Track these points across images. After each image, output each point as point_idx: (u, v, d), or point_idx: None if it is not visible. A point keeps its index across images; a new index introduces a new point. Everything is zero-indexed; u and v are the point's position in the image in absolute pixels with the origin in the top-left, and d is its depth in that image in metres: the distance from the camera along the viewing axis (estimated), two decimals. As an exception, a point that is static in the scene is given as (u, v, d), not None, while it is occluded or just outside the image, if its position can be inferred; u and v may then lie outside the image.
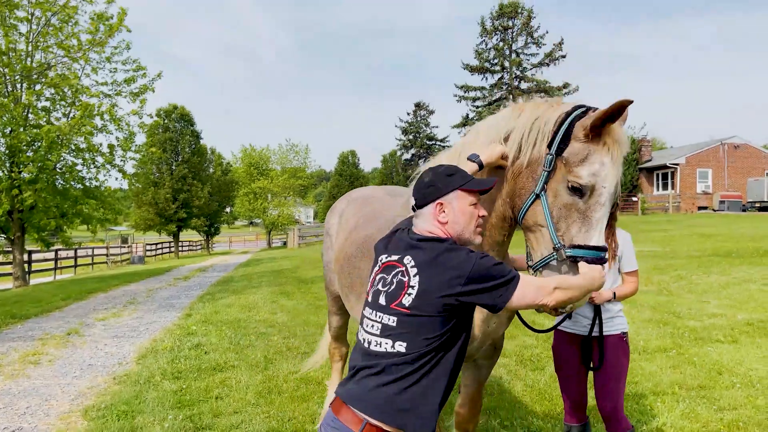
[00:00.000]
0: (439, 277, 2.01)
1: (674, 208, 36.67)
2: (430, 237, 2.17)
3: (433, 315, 2.01)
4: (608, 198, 2.36)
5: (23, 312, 11.52)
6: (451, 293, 1.98)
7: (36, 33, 18.64)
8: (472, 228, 2.23)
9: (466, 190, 2.20)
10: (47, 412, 5.56)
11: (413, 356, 2.01)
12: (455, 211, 2.19)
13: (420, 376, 2.01)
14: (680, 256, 15.01)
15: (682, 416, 4.76)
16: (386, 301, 2.11)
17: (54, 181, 19.47)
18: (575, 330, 3.58)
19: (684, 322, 8.05)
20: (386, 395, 2.00)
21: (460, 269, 1.99)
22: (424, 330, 2.01)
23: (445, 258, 2.04)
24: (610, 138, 2.36)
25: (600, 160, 2.35)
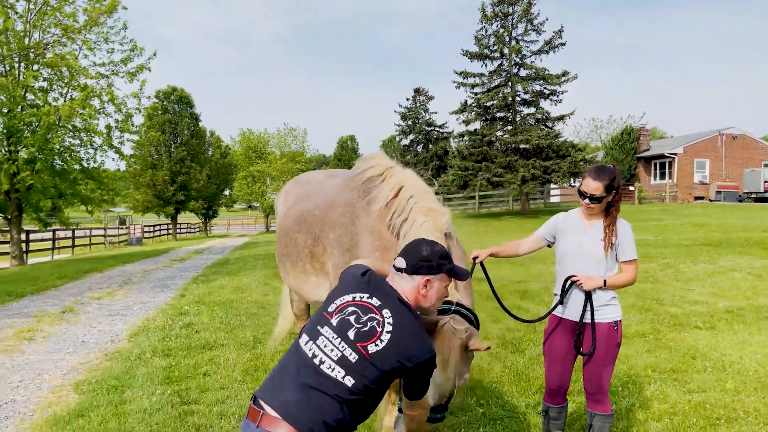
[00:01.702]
0: (402, 351, 2.28)
1: (671, 198, 36.78)
2: (407, 303, 2.43)
3: (384, 370, 2.27)
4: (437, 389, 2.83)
5: (19, 290, 11.68)
6: (401, 366, 2.29)
7: (34, 13, 18.64)
8: (439, 305, 2.61)
9: (450, 275, 2.54)
10: (39, 385, 5.73)
11: (353, 391, 2.24)
12: (435, 290, 2.51)
13: (353, 407, 2.26)
14: (671, 245, 15.18)
15: (651, 397, 4.93)
16: (355, 337, 2.30)
17: (52, 162, 19.58)
18: (567, 315, 3.66)
19: (665, 309, 8.22)
20: (320, 414, 2.19)
21: (419, 355, 2.30)
22: (371, 376, 2.25)
23: (414, 339, 2.33)
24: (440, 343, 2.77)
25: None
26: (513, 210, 36.11)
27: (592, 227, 3.61)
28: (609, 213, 3.57)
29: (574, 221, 3.71)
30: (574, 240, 3.64)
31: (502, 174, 30.49)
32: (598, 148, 54.71)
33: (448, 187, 33.44)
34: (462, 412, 4.71)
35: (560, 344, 3.70)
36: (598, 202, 3.51)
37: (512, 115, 32.48)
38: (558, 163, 29.83)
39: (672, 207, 31.37)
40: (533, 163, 30.03)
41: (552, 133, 31.07)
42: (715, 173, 39.33)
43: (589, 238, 3.58)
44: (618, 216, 3.61)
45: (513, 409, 4.74)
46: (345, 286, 2.53)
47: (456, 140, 37.06)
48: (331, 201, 4.00)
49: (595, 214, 3.60)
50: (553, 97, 32.29)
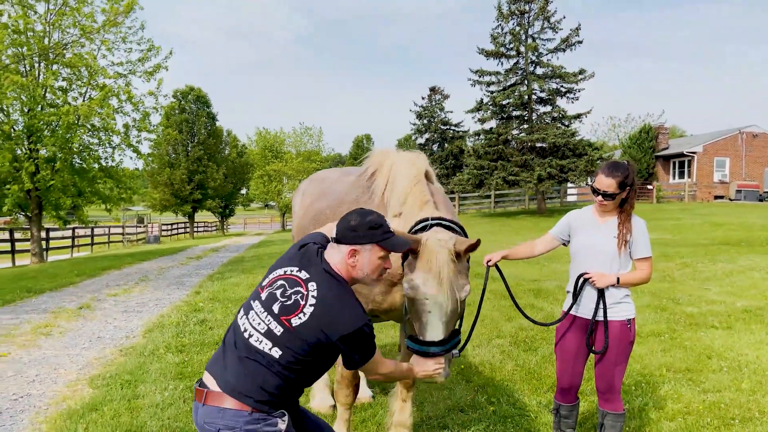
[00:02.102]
0: (325, 323, 2.30)
1: (690, 197, 36.30)
2: (336, 274, 2.44)
3: (309, 342, 2.31)
4: (435, 306, 2.73)
5: (38, 287, 11.85)
6: (326, 339, 2.31)
7: (53, 13, 18.89)
8: (375, 276, 2.52)
9: (382, 246, 2.47)
10: (55, 380, 5.81)
11: (283, 363, 2.31)
12: (364, 261, 2.46)
13: (284, 377, 2.32)
14: (688, 244, 14.99)
15: (665, 397, 4.87)
16: (279, 311, 2.36)
17: (71, 161, 19.83)
18: (579, 313, 3.63)
19: (682, 308, 8.12)
20: (258, 383, 2.30)
21: (343, 327, 2.30)
22: (297, 348, 2.31)
23: (338, 312, 2.32)
24: (425, 257, 2.77)
25: (421, 276, 2.75)
26: (529, 209, 35.91)
27: (605, 224, 3.57)
28: (623, 210, 3.53)
29: (588, 218, 3.68)
30: (587, 237, 3.61)
31: (518, 173, 30.33)
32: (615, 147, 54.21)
33: (463, 186, 33.35)
34: (473, 409, 4.69)
35: (572, 342, 3.67)
36: (611, 198, 3.47)
37: (528, 114, 32.30)
38: (575, 161, 29.61)
39: (691, 206, 30.99)
40: (549, 161, 29.83)
41: (568, 132, 30.84)
42: (736, 172, 38.77)
43: (602, 235, 3.55)
44: (633, 213, 3.56)
45: (524, 408, 4.71)
46: (281, 260, 2.60)
47: (471, 139, 36.88)
48: (340, 200, 4.03)
49: (608, 211, 3.56)
50: (569, 95, 32.07)
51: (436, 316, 2.74)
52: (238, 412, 2.27)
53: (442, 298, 2.73)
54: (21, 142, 18.92)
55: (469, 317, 3.70)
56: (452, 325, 2.84)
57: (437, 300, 2.73)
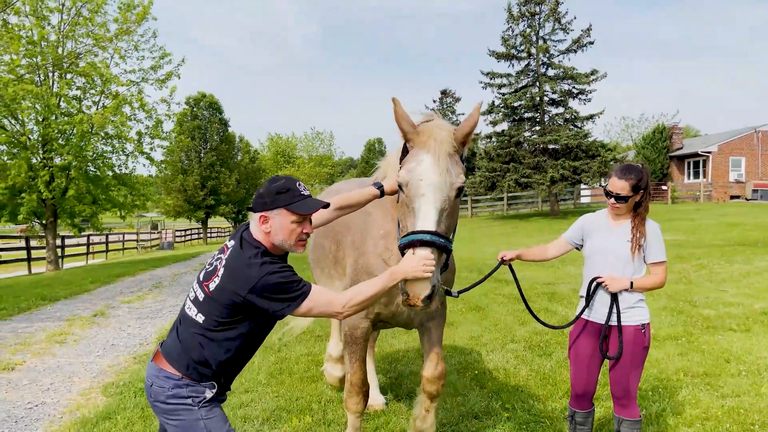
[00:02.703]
0: (232, 282, 2.40)
1: (705, 197, 35.90)
2: (251, 239, 2.51)
3: (224, 305, 2.41)
4: (428, 188, 2.60)
5: (53, 294, 11.95)
6: (237, 298, 2.38)
7: (67, 23, 19.11)
8: (293, 241, 2.51)
9: (290, 210, 2.46)
10: (69, 388, 5.83)
11: (206, 327, 2.45)
12: (276, 226, 2.48)
13: (208, 344, 2.45)
14: (704, 245, 14.81)
15: (683, 402, 4.79)
16: (203, 278, 2.54)
17: (86, 169, 20.03)
18: (593, 318, 3.58)
19: (699, 311, 8.00)
20: (183, 349, 2.48)
21: (246, 282, 2.36)
22: (216, 312, 2.44)
23: (241, 269, 2.40)
24: (424, 137, 2.72)
25: (417, 157, 2.68)
26: (542, 211, 35.72)
27: (619, 227, 3.52)
28: (637, 213, 3.48)
29: (601, 221, 3.64)
30: (600, 241, 3.57)
31: (530, 175, 30.19)
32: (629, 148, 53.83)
33: (475, 188, 33.25)
34: (487, 416, 4.64)
35: (586, 347, 3.62)
36: (624, 201, 3.42)
37: (540, 116, 32.14)
38: (588, 163, 29.42)
39: (706, 206, 30.66)
40: (562, 163, 29.66)
41: (581, 133, 30.65)
42: (752, 171, 38.31)
43: (615, 239, 3.50)
44: (647, 216, 3.51)
45: (539, 414, 4.65)
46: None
47: (483, 141, 36.76)
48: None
49: (622, 214, 3.52)
50: (581, 97, 31.88)
51: (430, 200, 2.60)
52: (170, 375, 2.45)
53: (436, 179, 2.61)
54: (36, 151, 19.14)
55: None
56: (446, 221, 2.66)
57: (432, 181, 2.61)
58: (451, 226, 2.77)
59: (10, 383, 5.98)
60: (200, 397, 2.44)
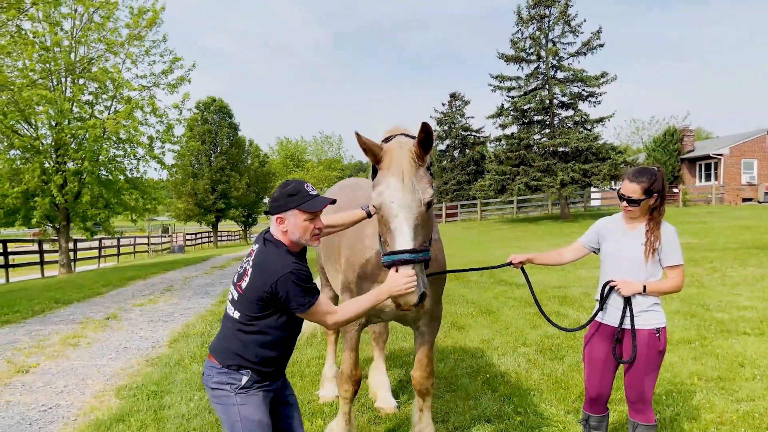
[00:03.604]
0: (260, 276, 2.71)
1: (717, 200, 35.64)
2: (272, 239, 2.83)
3: (255, 301, 2.72)
4: (399, 209, 2.78)
5: (66, 297, 12.04)
6: (265, 289, 2.68)
7: (79, 29, 19.28)
8: (308, 237, 2.82)
9: (301, 210, 2.75)
10: (83, 390, 5.87)
11: (241, 322, 2.79)
12: (291, 225, 2.79)
13: (243, 336, 2.78)
14: (717, 249, 14.69)
15: (697, 407, 4.75)
16: (236, 279, 2.86)
17: (98, 173, 20.17)
18: (606, 321, 3.57)
19: (712, 315, 7.94)
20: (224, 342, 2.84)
21: (273, 274, 2.67)
22: (248, 308, 2.75)
23: (268, 263, 2.73)
24: (387, 159, 2.84)
25: (385, 180, 2.80)
26: (552, 214, 35.58)
27: (633, 231, 3.51)
28: (652, 217, 3.45)
29: (616, 225, 3.63)
30: (614, 244, 3.56)
31: (540, 178, 30.09)
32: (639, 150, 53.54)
33: (485, 191, 33.17)
34: (499, 420, 4.62)
35: (600, 351, 3.61)
36: (636, 204, 3.41)
37: (550, 118, 32.06)
38: (598, 165, 29.29)
39: (718, 209, 30.42)
40: (572, 166, 29.55)
41: (591, 136, 30.55)
42: (764, 174, 38.01)
43: (629, 242, 3.49)
44: (662, 220, 3.49)
45: (552, 418, 4.63)
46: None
47: (493, 144, 36.69)
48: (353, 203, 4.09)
49: (635, 217, 3.50)
50: (591, 99, 31.79)
51: (403, 219, 2.76)
52: (213, 365, 2.82)
53: (406, 198, 2.77)
54: (49, 155, 19.30)
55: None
56: (421, 234, 2.83)
57: (402, 202, 2.77)
58: (428, 234, 2.94)
59: (25, 386, 6.03)
60: (236, 384, 2.76)
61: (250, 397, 2.78)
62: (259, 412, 2.78)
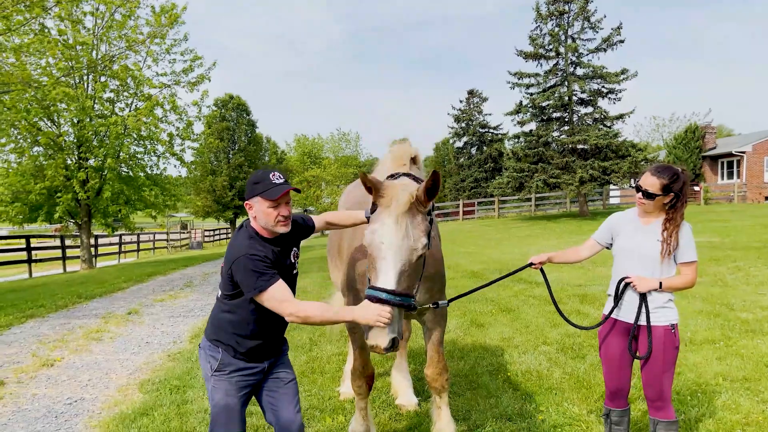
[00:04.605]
0: (225, 262, 2.96)
1: (740, 198, 35.09)
2: (247, 226, 3.03)
3: (226, 281, 2.97)
4: (388, 251, 2.75)
5: (88, 292, 12.20)
6: (227, 270, 2.92)
7: (101, 27, 19.50)
8: (273, 222, 2.94)
9: (263, 197, 2.89)
10: (107, 384, 5.95)
11: (220, 299, 3.07)
12: (258, 211, 2.95)
13: (224, 312, 3.04)
14: (739, 247, 14.47)
15: (722, 407, 4.69)
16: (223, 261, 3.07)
17: (119, 169, 20.43)
18: (621, 317, 3.57)
19: (736, 314, 7.82)
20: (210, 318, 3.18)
21: (230, 258, 2.90)
22: (224, 287, 3.01)
23: (231, 248, 2.95)
24: (387, 198, 2.81)
25: (380, 219, 2.79)
26: (570, 212, 35.31)
27: (647, 226, 3.51)
28: (671, 218, 3.42)
29: (630, 220, 3.63)
30: (628, 240, 3.56)
31: (558, 175, 29.85)
32: (659, 148, 52.90)
33: (503, 189, 32.99)
34: (521, 418, 4.60)
35: (616, 347, 3.62)
36: (651, 199, 3.41)
37: (569, 115, 31.78)
38: (617, 163, 28.97)
39: (740, 207, 29.97)
40: (591, 163, 29.27)
41: (611, 133, 30.21)
42: (788, 172, 37.30)
43: (642, 238, 3.49)
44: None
45: (574, 417, 4.60)
46: None
47: (511, 141, 36.48)
48: (358, 202, 4.19)
49: (648, 212, 3.50)
50: (611, 96, 31.42)
51: (390, 262, 2.73)
52: (204, 340, 3.14)
53: (396, 242, 2.74)
54: (71, 152, 19.57)
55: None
56: (407, 281, 2.79)
57: (392, 244, 2.74)
58: (413, 281, 2.88)
59: (50, 379, 6.13)
60: (214, 362, 3.02)
61: (221, 382, 3.02)
62: (226, 397, 3.01)
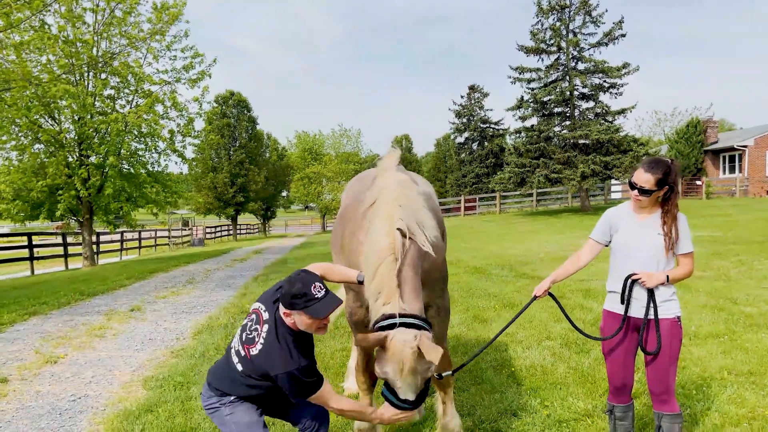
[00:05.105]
0: (267, 363, 2.91)
1: (742, 192, 35.03)
2: (282, 323, 2.97)
3: (258, 372, 2.95)
4: (403, 386, 2.90)
5: (90, 289, 12.20)
6: (268, 374, 2.91)
7: (101, 23, 19.45)
8: (313, 330, 2.96)
9: (308, 314, 2.86)
10: (110, 381, 5.95)
11: (241, 375, 3.01)
12: (297, 321, 2.94)
13: (240, 386, 3.05)
14: (742, 242, 14.45)
15: (728, 401, 4.68)
16: (244, 340, 3.06)
17: (120, 166, 20.41)
18: (629, 313, 3.55)
19: (740, 308, 7.81)
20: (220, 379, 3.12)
21: (276, 368, 2.87)
22: (251, 372, 2.98)
23: (271, 358, 2.90)
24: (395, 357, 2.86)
25: (392, 370, 2.89)
26: (572, 207, 35.28)
27: (646, 220, 3.51)
28: (668, 211, 3.43)
29: (626, 215, 3.63)
30: (628, 235, 3.55)
31: (560, 170, 29.80)
32: (661, 142, 52.80)
33: (504, 184, 32.95)
34: (526, 413, 4.59)
35: (620, 343, 3.61)
36: (647, 195, 3.41)
37: (570, 110, 31.71)
38: (619, 158, 28.93)
39: (743, 201, 29.93)
40: (593, 158, 29.23)
41: (612, 128, 30.16)
42: (790, 166, 37.20)
43: (644, 233, 3.49)
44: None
45: (579, 412, 4.59)
46: (264, 294, 3.21)
47: (512, 137, 36.42)
48: (356, 198, 4.15)
49: (644, 207, 3.51)
50: (613, 91, 31.36)
51: (408, 391, 2.93)
52: (207, 392, 3.14)
53: (403, 384, 2.91)
54: (72, 149, 19.56)
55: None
56: (423, 389, 3.00)
57: (399, 385, 2.92)
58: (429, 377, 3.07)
59: (54, 376, 6.12)
60: (225, 400, 3.07)
61: (237, 406, 3.07)
62: (248, 414, 3.06)
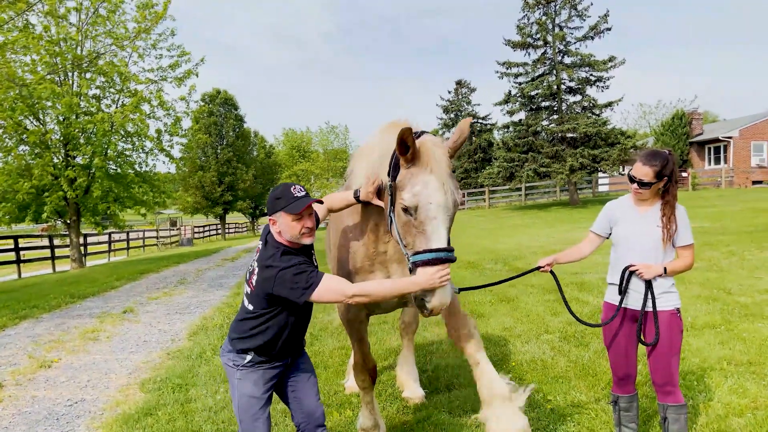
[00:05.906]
0: (262, 279, 2.94)
1: (727, 183, 35.36)
2: (271, 240, 3.04)
3: (263, 297, 2.96)
4: (438, 210, 2.71)
5: (81, 292, 12.05)
6: (267, 291, 2.92)
7: (85, 22, 19.19)
8: (297, 234, 2.97)
9: (286, 212, 2.92)
10: (107, 384, 5.87)
11: (254, 313, 3.04)
12: (282, 226, 2.97)
13: (255, 327, 3.03)
14: (731, 232, 14.57)
15: (729, 391, 4.69)
16: (248, 276, 3.13)
17: (106, 167, 20.16)
18: (627, 305, 3.56)
19: (734, 299, 7.86)
20: (237, 329, 3.12)
21: (269, 279, 2.89)
22: (260, 303, 3.00)
23: (266, 268, 2.93)
24: (425, 157, 2.72)
25: (421, 180, 2.70)
26: (560, 200, 35.42)
27: (646, 212, 3.51)
28: (666, 202, 3.43)
29: (627, 207, 3.63)
30: (629, 227, 3.56)
31: (549, 164, 29.93)
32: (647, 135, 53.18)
33: (493, 179, 33.03)
34: (529, 408, 4.57)
35: (621, 334, 3.62)
36: (647, 187, 3.41)
37: (558, 104, 31.84)
38: (607, 151, 29.10)
39: (728, 192, 30.21)
40: (581, 151, 29.37)
41: (600, 121, 30.33)
42: (774, 156, 37.63)
43: (644, 225, 3.49)
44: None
45: (582, 405, 4.58)
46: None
47: (500, 131, 36.51)
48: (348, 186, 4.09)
49: (645, 199, 3.51)
50: (599, 84, 31.53)
51: (441, 221, 2.71)
52: (225, 345, 3.20)
53: (444, 200, 2.72)
54: (58, 150, 19.29)
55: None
56: (449, 235, 2.81)
57: (441, 203, 2.71)
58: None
59: (48, 381, 6.03)
60: (240, 362, 3.09)
61: (248, 375, 3.10)
62: (254, 388, 3.10)
